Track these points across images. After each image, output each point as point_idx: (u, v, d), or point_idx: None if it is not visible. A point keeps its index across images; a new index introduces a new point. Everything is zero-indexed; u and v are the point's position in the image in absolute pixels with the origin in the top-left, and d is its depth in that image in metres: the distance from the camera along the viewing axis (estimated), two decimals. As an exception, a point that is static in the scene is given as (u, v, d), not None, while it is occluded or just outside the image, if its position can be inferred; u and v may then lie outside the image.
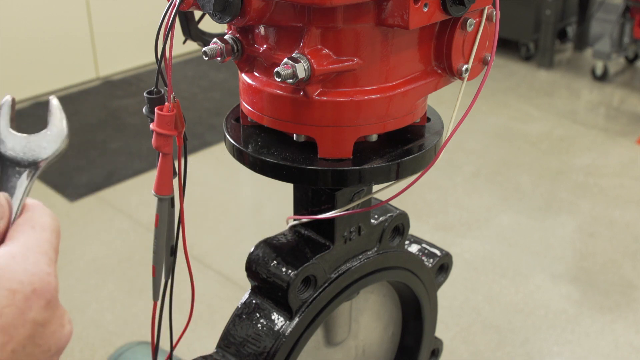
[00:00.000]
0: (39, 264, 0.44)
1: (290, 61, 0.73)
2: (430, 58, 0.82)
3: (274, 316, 0.89)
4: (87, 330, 2.37)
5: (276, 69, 0.72)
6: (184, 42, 1.05)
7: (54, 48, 4.13)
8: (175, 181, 0.84)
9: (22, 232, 0.45)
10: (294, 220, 0.93)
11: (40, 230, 0.46)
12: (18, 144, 0.49)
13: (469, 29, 0.80)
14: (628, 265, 2.70)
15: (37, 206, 0.47)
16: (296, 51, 0.75)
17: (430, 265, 1.09)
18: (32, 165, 0.48)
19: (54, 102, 0.51)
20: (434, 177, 3.24)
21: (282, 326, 0.88)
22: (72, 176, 3.20)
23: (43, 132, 0.49)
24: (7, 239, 0.45)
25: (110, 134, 3.68)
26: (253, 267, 0.90)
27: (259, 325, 0.89)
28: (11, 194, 0.47)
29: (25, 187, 0.47)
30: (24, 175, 0.47)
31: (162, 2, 0.75)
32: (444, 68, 0.82)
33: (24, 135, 0.49)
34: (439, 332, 1.20)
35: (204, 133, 3.72)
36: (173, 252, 0.87)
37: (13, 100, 0.51)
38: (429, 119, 0.89)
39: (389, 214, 0.99)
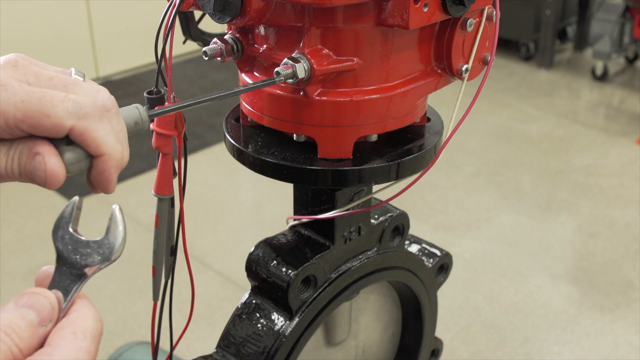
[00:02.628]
0: None
1: (290, 61, 0.73)
2: (430, 58, 0.82)
3: (274, 316, 0.89)
4: (87, 330, 2.37)
5: (276, 69, 0.72)
6: (184, 42, 1.05)
7: (54, 48, 4.13)
8: (175, 181, 0.84)
9: (63, 338, 0.47)
10: (294, 220, 0.93)
11: (82, 339, 0.47)
12: (77, 247, 0.51)
13: (469, 29, 0.80)
14: (628, 265, 2.70)
15: (84, 307, 0.49)
16: (296, 51, 0.75)
17: (430, 265, 1.09)
18: (86, 268, 0.50)
19: (117, 211, 0.54)
20: (434, 177, 3.24)
21: (282, 326, 0.88)
22: (72, 176, 3.20)
23: (101, 240, 0.52)
24: (48, 342, 0.46)
25: (110, 134, 3.66)
26: (253, 267, 0.90)
27: (259, 325, 0.89)
28: (67, 293, 0.49)
29: (75, 289, 0.49)
30: (76, 278, 0.49)
31: (162, 2, 0.75)
32: (444, 68, 0.82)
33: (84, 239, 0.52)
34: (439, 332, 1.20)
35: (204, 133, 3.72)
36: (173, 252, 0.87)
37: (80, 201, 0.55)
38: (429, 119, 0.89)
39: (389, 214, 0.99)
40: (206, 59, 0.79)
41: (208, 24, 0.97)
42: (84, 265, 0.50)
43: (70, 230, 0.53)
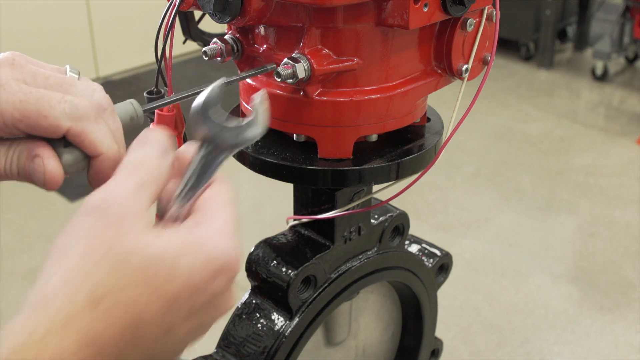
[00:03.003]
0: (230, 242, 0.51)
1: (290, 61, 0.73)
2: (430, 58, 0.82)
3: (274, 316, 0.89)
4: (87, 330, 2.37)
5: (276, 69, 0.72)
6: (184, 42, 1.05)
7: (54, 48, 4.13)
8: (175, 181, 0.84)
9: (219, 209, 0.52)
10: (294, 220, 0.93)
11: (232, 209, 0.53)
12: (222, 128, 0.54)
13: (469, 29, 0.80)
14: (628, 265, 2.70)
15: (224, 183, 0.54)
16: (296, 51, 0.75)
17: (430, 265, 1.09)
18: (230, 148, 0.54)
19: (259, 98, 0.56)
20: (434, 177, 3.24)
21: (282, 326, 0.88)
22: (72, 176, 3.20)
23: (245, 120, 0.55)
24: (200, 208, 0.52)
25: (110, 134, 3.66)
26: (253, 267, 0.90)
27: (259, 325, 0.89)
28: (206, 169, 0.54)
29: (219, 164, 0.54)
30: (221, 155, 0.54)
31: (162, 2, 0.75)
32: (444, 68, 0.82)
33: (229, 119, 0.55)
34: (439, 332, 1.20)
35: (204, 133, 3.72)
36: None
37: (223, 84, 0.57)
38: (429, 119, 0.89)
39: (389, 214, 0.99)
40: (206, 59, 0.79)
41: (208, 24, 0.97)
42: (231, 145, 0.54)
43: (215, 112, 0.55)
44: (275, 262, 0.88)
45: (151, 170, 0.51)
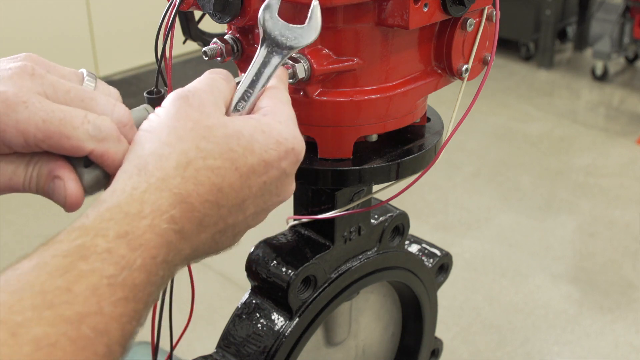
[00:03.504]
0: (296, 132, 0.58)
1: (290, 61, 0.73)
2: (430, 58, 0.82)
3: (274, 316, 0.89)
4: (87, 330, 2.37)
5: (276, 69, 0.72)
6: (184, 42, 1.05)
7: (54, 48, 4.13)
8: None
9: (282, 105, 0.59)
10: (294, 220, 0.93)
11: (290, 106, 0.60)
12: (282, 29, 0.60)
13: (469, 29, 0.80)
14: (628, 265, 2.70)
15: (282, 86, 0.61)
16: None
17: (430, 265, 1.09)
18: (288, 49, 0.60)
19: (315, 3, 0.62)
20: (434, 177, 3.24)
21: (282, 326, 0.88)
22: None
23: (302, 25, 0.61)
24: (271, 106, 0.58)
25: (110, 134, 3.66)
26: (253, 267, 0.90)
27: (259, 325, 0.89)
28: (264, 67, 0.61)
29: (277, 64, 0.60)
30: (279, 55, 0.60)
31: (162, 2, 0.75)
32: (444, 68, 0.82)
33: (287, 24, 0.61)
34: (439, 332, 1.20)
35: (204, 133, 3.72)
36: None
37: None
38: (429, 119, 0.89)
39: (389, 214, 0.99)
40: (206, 59, 0.79)
41: (208, 24, 0.97)
42: (290, 46, 0.60)
43: (276, 15, 0.61)
44: (275, 262, 0.88)
45: (222, 79, 0.60)
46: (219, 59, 0.80)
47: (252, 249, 0.91)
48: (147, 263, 0.47)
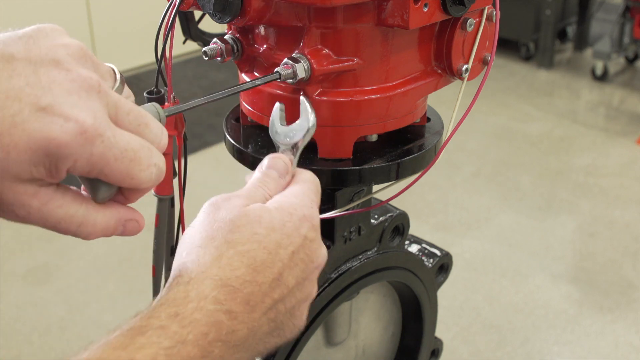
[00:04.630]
0: (305, 201, 0.63)
1: (290, 61, 0.73)
2: (430, 58, 0.82)
3: (274, 316, 0.89)
4: (87, 330, 2.37)
5: (276, 69, 0.72)
6: (184, 42, 1.05)
7: (54, 48, 4.13)
8: (175, 181, 0.84)
9: (296, 183, 0.66)
10: (294, 220, 0.93)
11: (308, 184, 0.66)
12: (287, 133, 0.69)
13: (469, 29, 0.80)
14: (628, 265, 2.70)
15: (304, 170, 0.68)
16: (296, 51, 0.75)
17: (430, 265, 1.09)
18: (294, 146, 0.68)
19: (304, 100, 0.69)
20: (434, 177, 3.24)
21: (282, 326, 0.88)
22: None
23: (299, 122, 0.68)
24: (288, 188, 0.66)
25: (110, 134, 3.66)
26: (253, 267, 0.90)
27: (259, 325, 0.89)
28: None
29: (295, 160, 0.68)
30: (293, 152, 0.68)
31: (162, 2, 0.75)
32: (444, 68, 0.82)
33: (289, 127, 0.69)
34: (439, 332, 1.20)
35: (204, 133, 3.72)
36: (173, 252, 0.87)
37: (283, 105, 0.70)
38: (429, 119, 0.89)
39: (389, 214, 0.99)
40: (206, 59, 0.79)
41: (208, 24, 0.97)
42: (295, 142, 0.68)
43: (281, 125, 0.69)
44: (275, 262, 0.88)
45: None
46: (219, 58, 0.80)
47: (252, 249, 0.91)
48: (198, 339, 0.51)
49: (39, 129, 0.48)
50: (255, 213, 0.60)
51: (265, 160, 0.67)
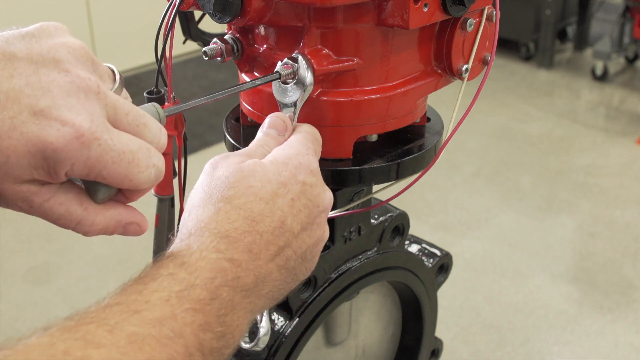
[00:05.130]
0: (300, 149, 0.65)
1: (290, 61, 0.73)
2: (430, 58, 0.82)
3: (274, 316, 0.89)
4: (87, 330, 2.37)
5: (276, 69, 0.72)
6: (184, 42, 1.05)
7: (54, 48, 4.13)
8: (175, 181, 0.84)
9: (293, 135, 0.68)
10: (294, 220, 0.93)
11: (304, 134, 0.68)
12: (284, 91, 0.72)
13: (469, 29, 0.80)
14: (628, 265, 2.70)
15: (302, 124, 0.71)
16: (296, 51, 0.75)
17: (430, 265, 1.09)
18: (293, 104, 0.71)
19: (301, 58, 0.72)
20: (434, 177, 3.24)
21: (282, 326, 0.88)
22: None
23: (294, 83, 0.72)
24: (289, 139, 0.68)
25: (110, 134, 3.66)
26: (253, 267, 0.90)
27: (259, 325, 0.89)
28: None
29: (295, 116, 0.71)
30: (290, 110, 0.72)
31: (162, 2, 0.75)
32: (444, 68, 0.82)
33: (286, 85, 0.72)
34: (439, 332, 1.20)
35: (204, 133, 3.72)
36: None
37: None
38: (429, 119, 0.89)
39: (389, 214, 0.99)
40: (206, 59, 0.79)
41: (208, 24, 0.97)
42: (294, 100, 0.71)
43: (281, 84, 0.73)
44: (275, 262, 0.88)
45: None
46: (219, 59, 0.80)
47: (252, 249, 0.91)
48: (206, 283, 0.53)
49: (37, 133, 0.48)
50: (249, 168, 0.61)
51: (266, 120, 0.69)
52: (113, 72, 0.58)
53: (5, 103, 0.47)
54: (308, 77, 0.71)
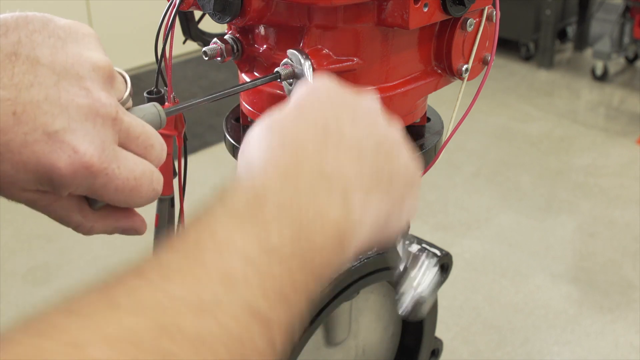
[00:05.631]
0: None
1: (290, 61, 0.73)
2: (430, 58, 0.82)
3: (274, 316, 0.89)
4: (87, 330, 2.37)
5: (276, 69, 0.72)
6: (184, 42, 1.05)
7: (54, 48, 4.13)
8: (175, 181, 0.84)
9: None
10: (294, 220, 0.93)
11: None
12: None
13: (469, 29, 0.80)
14: (628, 265, 2.70)
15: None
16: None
17: (430, 265, 1.09)
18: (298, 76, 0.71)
19: (307, 67, 0.71)
20: (434, 177, 3.24)
21: (282, 326, 0.88)
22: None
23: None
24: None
25: (110, 134, 3.66)
26: (253, 267, 0.90)
27: (259, 325, 0.89)
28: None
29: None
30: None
31: (162, 2, 0.75)
32: (444, 68, 0.82)
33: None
34: (439, 332, 1.20)
35: (204, 133, 3.72)
36: (173, 252, 0.87)
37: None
38: (429, 119, 0.89)
39: (389, 214, 0.98)
40: (206, 59, 0.79)
41: (208, 24, 0.97)
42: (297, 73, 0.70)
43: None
44: (275, 262, 0.88)
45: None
46: (219, 59, 0.80)
47: (252, 249, 0.91)
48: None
49: (48, 155, 0.47)
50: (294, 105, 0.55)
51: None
52: (125, 81, 0.57)
53: (21, 116, 0.46)
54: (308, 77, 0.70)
